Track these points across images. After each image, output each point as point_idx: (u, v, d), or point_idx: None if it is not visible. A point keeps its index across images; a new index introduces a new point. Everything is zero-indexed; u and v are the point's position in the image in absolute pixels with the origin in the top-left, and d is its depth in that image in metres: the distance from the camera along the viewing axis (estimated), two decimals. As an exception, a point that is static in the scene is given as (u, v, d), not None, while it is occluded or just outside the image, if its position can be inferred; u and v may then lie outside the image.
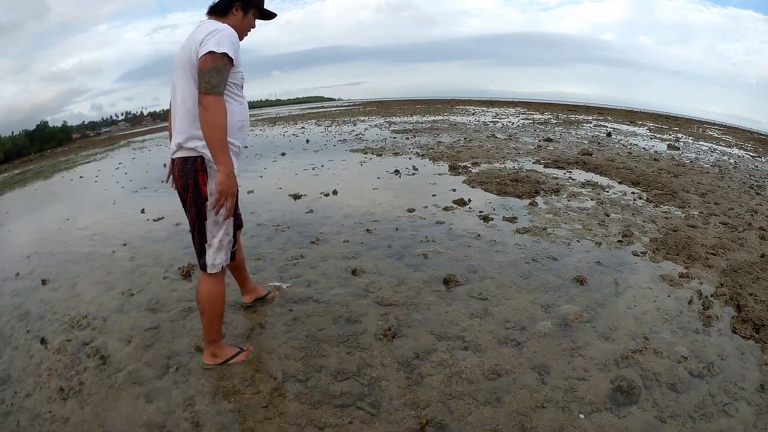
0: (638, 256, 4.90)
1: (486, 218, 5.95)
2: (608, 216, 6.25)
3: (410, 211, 6.44)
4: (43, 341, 3.80)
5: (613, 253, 4.96)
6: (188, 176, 2.78)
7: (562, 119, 24.44)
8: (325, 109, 44.42)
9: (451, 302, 3.89)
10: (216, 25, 2.74)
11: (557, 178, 8.49)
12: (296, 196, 7.67)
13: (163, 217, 6.98)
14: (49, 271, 5.44)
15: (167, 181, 3.07)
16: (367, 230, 5.71)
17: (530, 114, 28.25)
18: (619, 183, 8.39)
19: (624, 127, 21.50)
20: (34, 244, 6.73)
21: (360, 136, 16.80)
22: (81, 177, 14.13)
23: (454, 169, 9.29)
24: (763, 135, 29.10)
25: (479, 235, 5.37)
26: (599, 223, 5.90)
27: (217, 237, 2.89)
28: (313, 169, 10.14)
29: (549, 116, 26.50)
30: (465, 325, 3.52)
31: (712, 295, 4.04)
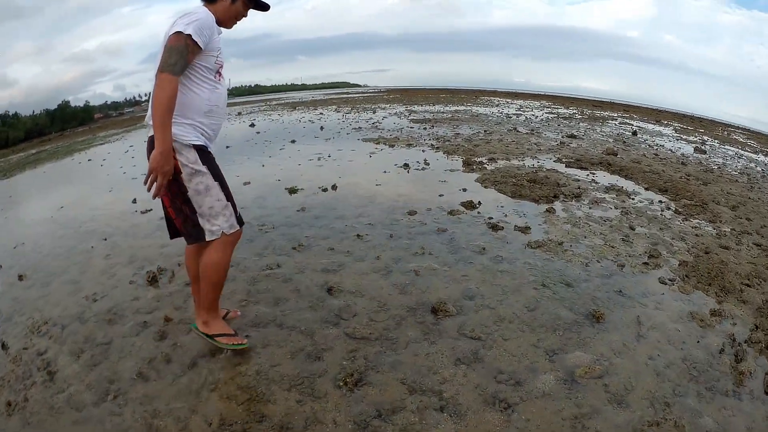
0: (666, 284, 4.22)
1: (495, 227, 5.28)
2: (633, 230, 5.54)
3: (411, 213, 5.80)
4: (3, 346, 3.61)
5: (637, 279, 4.28)
6: None
7: (587, 115, 23.48)
8: (348, 95, 43.50)
9: (436, 340, 3.27)
10: (196, 9, 2.82)
11: (579, 180, 7.77)
12: (292, 190, 7.08)
13: (151, 209, 6.47)
14: (29, 265, 5.20)
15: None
16: (358, 236, 5.08)
17: (555, 108, 27.24)
18: (646, 189, 7.65)
19: (650, 126, 20.54)
20: (23, 234, 6.50)
21: (377, 124, 16.11)
22: (89, 160, 13.80)
23: (468, 165, 8.61)
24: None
25: (484, 249, 4.71)
26: (623, 239, 5.20)
27: (206, 205, 2.86)
28: (319, 159, 9.53)
29: (574, 111, 25.53)
30: (447, 374, 2.90)
31: (746, 341, 3.43)
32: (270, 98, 49.35)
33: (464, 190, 6.85)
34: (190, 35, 2.62)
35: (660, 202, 6.94)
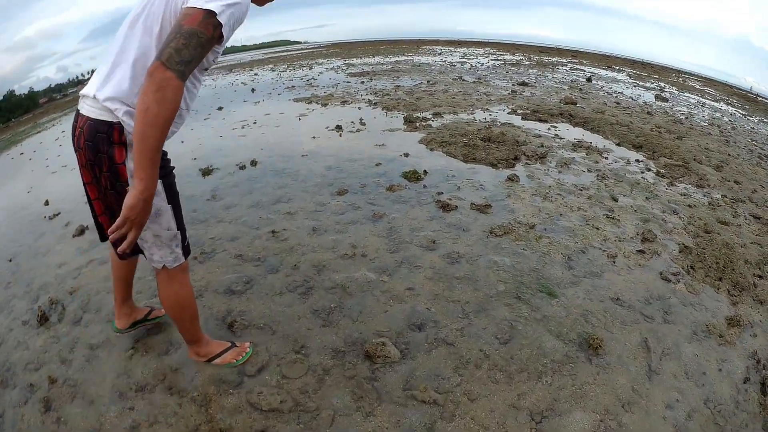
0: (670, 281, 3.32)
1: (446, 206, 4.19)
2: (616, 201, 4.58)
3: (341, 193, 4.64)
4: None
5: (635, 276, 3.34)
6: (100, 149, 1.94)
7: (535, 61, 22.50)
8: (287, 53, 40.87)
9: (374, 409, 2.26)
10: None
11: (540, 137, 6.75)
12: (206, 172, 5.78)
13: (59, 213, 5.13)
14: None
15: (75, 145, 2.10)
16: (273, 232, 3.91)
17: (500, 55, 26.16)
18: (618, 145, 6.72)
19: (602, 72, 19.73)
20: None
21: (311, 81, 14.68)
22: (21, 154, 11.63)
23: (410, 123, 7.47)
24: (742, 90, 29.08)
25: (434, 242, 3.63)
26: (607, 216, 4.23)
27: (150, 232, 2.12)
28: (243, 127, 8.16)
29: (521, 57, 24.51)
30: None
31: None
32: (205, 61, 46.10)
33: (406, 155, 5.72)
34: (222, 25, 1.76)
35: (637, 161, 6.03)
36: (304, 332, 2.77)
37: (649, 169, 5.67)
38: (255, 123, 8.38)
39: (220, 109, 10.51)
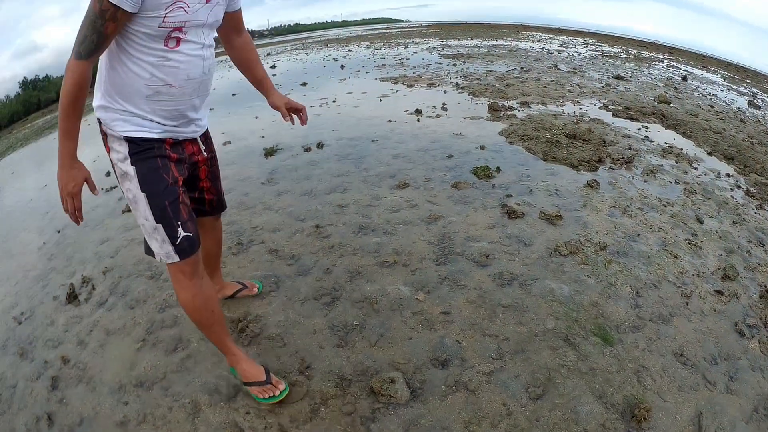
0: (744, 335, 2.62)
1: (512, 212, 3.52)
2: (701, 223, 3.73)
3: (401, 186, 4.06)
4: None
5: (707, 325, 2.63)
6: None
7: (632, 55, 20.44)
8: (386, 31, 39.57)
9: None
10: None
11: (629, 137, 5.81)
12: (270, 152, 5.41)
13: (115, 186, 4.99)
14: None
15: None
16: (317, 227, 3.44)
17: (599, 46, 24.03)
18: (709, 154, 5.66)
19: (698, 72, 17.55)
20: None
21: (403, 60, 13.96)
22: (89, 124, 12.03)
23: (494, 112, 6.70)
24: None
25: (487, 257, 3.00)
26: (689, 241, 3.41)
27: (138, 219, 1.94)
28: (321, 105, 7.70)
29: (619, 50, 22.39)
30: None
31: None
32: (306, 37, 45.93)
33: (482, 147, 5.03)
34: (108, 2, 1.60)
35: (728, 175, 4.99)
36: (314, 350, 2.31)
37: (738, 186, 4.67)
38: (334, 101, 7.90)
39: (303, 84, 10.11)
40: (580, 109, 7.25)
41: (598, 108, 7.43)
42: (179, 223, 1.88)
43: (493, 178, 4.19)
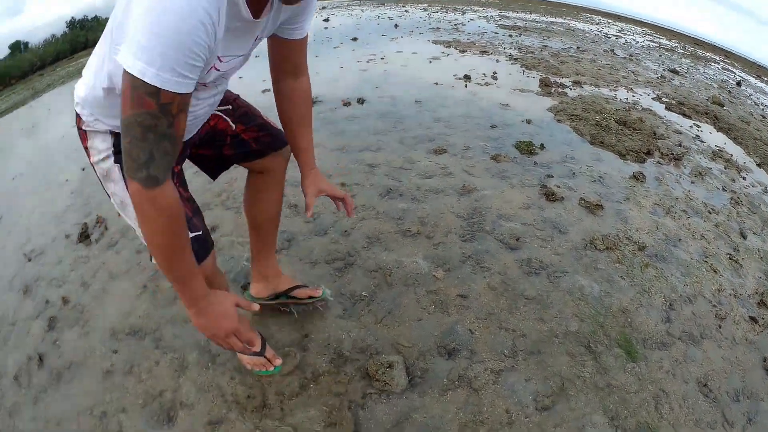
0: None
1: (551, 194, 3.12)
2: (744, 238, 3.27)
3: (438, 152, 3.68)
4: None
5: (736, 354, 2.28)
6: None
7: (689, 51, 18.97)
8: None
9: None
10: None
11: (681, 134, 5.24)
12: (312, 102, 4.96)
13: None
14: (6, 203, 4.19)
15: None
16: (343, 185, 3.14)
17: (657, 38, 22.42)
18: (758, 165, 5.05)
19: (752, 80, 16.17)
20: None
21: (459, 26, 13.08)
22: None
23: (545, 87, 6.14)
24: None
25: (518, 240, 2.64)
26: (730, 257, 2.98)
27: (132, 224, 1.41)
28: (368, 62, 7.16)
29: (676, 44, 20.88)
30: None
31: None
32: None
33: (528, 122, 4.57)
34: (158, 90, 1.01)
35: (776, 191, 4.43)
36: (316, 319, 2.05)
37: (787, 205, 4.13)
38: (382, 59, 7.36)
39: (354, 39, 9.56)
40: (633, 96, 6.64)
41: (651, 98, 6.80)
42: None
43: (536, 154, 3.78)
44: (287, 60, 1.51)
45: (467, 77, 6.17)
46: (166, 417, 1.80)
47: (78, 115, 1.36)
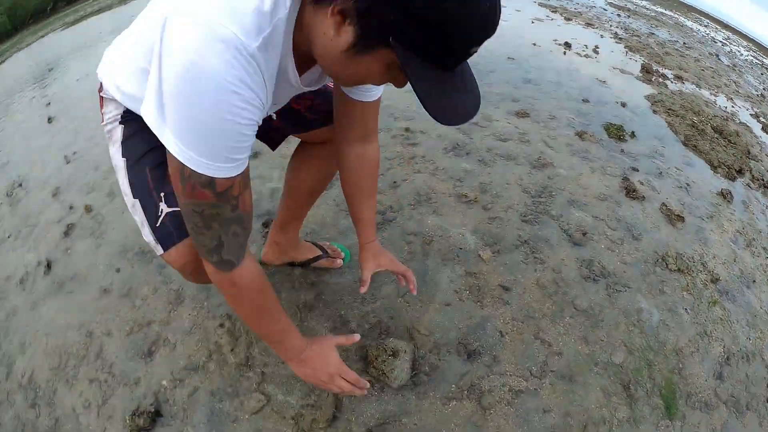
0: None
1: (632, 190, 2.39)
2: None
3: (520, 115, 2.95)
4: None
5: None
6: None
7: (792, 76, 16.15)
8: None
9: (306, 429, 1.02)
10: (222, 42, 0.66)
11: (777, 160, 4.20)
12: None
13: None
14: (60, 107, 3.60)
15: None
16: (407, 130, 2.51)
17: (761, 57, 19.25)
18: None
19: None
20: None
21: None
22: None
23: (646, 73, 5.06)
24: None
25: (585, 235, 1.98)
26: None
27: (127, 199, 1.07)
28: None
29: (779, 67, 17.83)
30: None
31: None
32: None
33: (623, 104, 3.68)
34: (213, 179, 0.74)
35: None
36: (332, 277, 1.57)
37: None
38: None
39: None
40: (732, 107, 5.45)
41: (750, 114, 5.58)
42: (162, 195, 1.03)
43: (625, 141, 2.99)
44: (356, 123, 1.12)
45: (567, 45, 5.16)
46: (147, 351, 1.44)
47: (100, 82, 1.06)
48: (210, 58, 0.62)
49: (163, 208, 0.99)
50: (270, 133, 1.30)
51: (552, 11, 7.46)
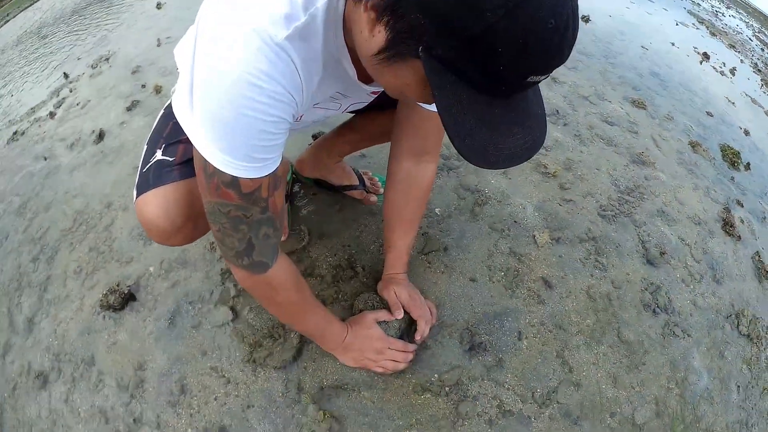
0: None
1: (728, 225, 1.39)
2: None
3: (637, 105, 1.81)
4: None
5: None
6: None
7: None
8: None
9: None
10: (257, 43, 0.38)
11: None
12: None
13: None
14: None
15: None
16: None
17: None
18: None
19: None
20: None
21: (719, 13, 7.49)
22: None
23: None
24: None
25: (662, 255, 1.10)
26: None
27: None
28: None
29: None
30: None
31: None
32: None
33: (746, 132, 2.24)
34: (235, 179, 0.42)
35: None
36: (359, 211, 0.87)
37: None
38: (628, 8, 4.29)
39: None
40: None
41: None
42: (164, 144, 0.61)
43: (738, 170, 1.80)
44: (416, 133, 0.63)
45: (706, 56, 3.37)
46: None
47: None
48: (235, 49, 0.38)
49: (158, 154, 0.61)
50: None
51: (699, 21, 5.03)
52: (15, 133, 1.69)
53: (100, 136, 1.44)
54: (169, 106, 0.67)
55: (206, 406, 0.75)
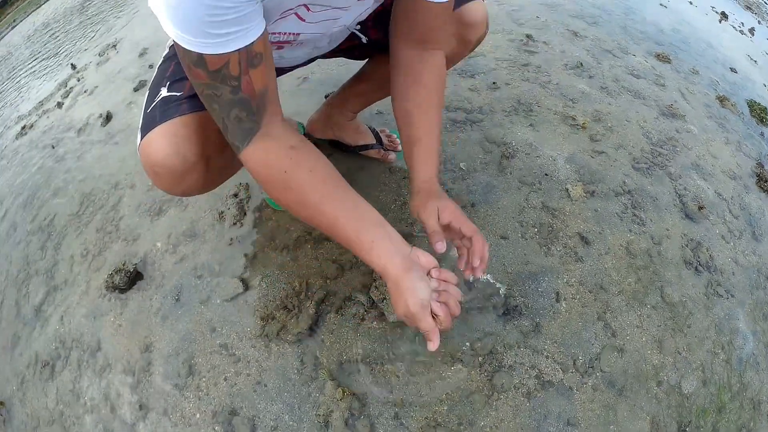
0: None
1: (764, 180, 1.28)
2: None
3: (661, 59, 1.67)
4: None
5: None
6: None
7: None
8: None
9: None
10: None
11: None
12: None
13: None
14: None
15: None
16: (528, 37, 1.43)
17: None
18: None
19: None
20: None
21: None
22: None
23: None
24: None
25: (701, 210, 1.00)
26: None
27: None
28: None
29: None
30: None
31: None
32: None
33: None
34: (199, 55, 0.39)
35: None
36: (376, 169, 0.78)
37: None
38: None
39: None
40: None
41: None
42: (168, 83, 0.53)
43: (766, 126, 1.68)
44: (417, 25, 0.52)
45: (724, 15, 3.17)
46: (158, 210, 0.90)
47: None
48: None
49: (162, 92, 0.55)
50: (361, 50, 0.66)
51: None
52: (23, 127, 1.60)
53: (108, 118, 1.35)
54: (169, 52, 0.62)
55: (215, 388, 0.67)
